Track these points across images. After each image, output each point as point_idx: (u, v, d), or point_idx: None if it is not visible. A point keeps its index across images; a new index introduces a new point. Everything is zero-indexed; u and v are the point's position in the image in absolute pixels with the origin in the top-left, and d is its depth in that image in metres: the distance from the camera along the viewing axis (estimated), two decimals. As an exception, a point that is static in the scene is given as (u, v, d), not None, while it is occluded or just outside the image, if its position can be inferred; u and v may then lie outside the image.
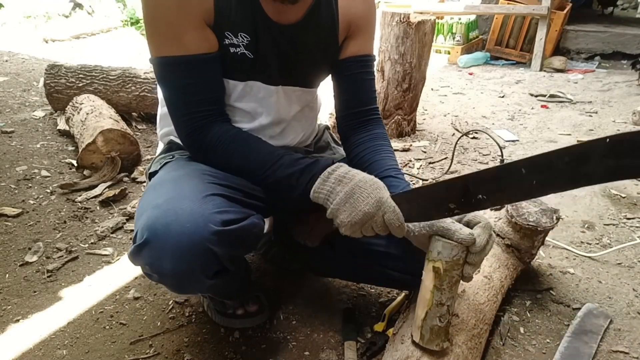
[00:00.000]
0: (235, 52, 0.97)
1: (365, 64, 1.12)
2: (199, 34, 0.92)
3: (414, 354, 0.90)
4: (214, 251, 0.83)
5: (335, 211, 0.87)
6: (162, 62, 0.94)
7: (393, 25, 2.28)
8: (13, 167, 2.00)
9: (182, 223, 0.81)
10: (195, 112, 0.96)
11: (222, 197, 0.89)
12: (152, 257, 0.82)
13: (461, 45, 4.22)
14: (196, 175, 0.94)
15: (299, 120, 1.17)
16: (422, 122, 2.73)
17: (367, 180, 0.87)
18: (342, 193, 0.86)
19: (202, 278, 0.86)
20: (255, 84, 1.03)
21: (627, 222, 1.69)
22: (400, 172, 1.05)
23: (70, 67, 2.45)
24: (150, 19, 0.92)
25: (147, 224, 0.82)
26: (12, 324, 1.20)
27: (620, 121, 2.72)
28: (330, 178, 0.88)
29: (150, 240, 0.81)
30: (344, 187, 0.86)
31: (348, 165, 0.91)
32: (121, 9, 5.41)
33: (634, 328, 1.21)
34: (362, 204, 0.85)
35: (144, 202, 0.91)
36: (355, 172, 0.89)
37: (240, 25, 0.96)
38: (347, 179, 0.87)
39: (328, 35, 1.07)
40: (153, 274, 0.86)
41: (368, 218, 0.86)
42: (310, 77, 1.13)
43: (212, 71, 0.97)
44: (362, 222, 0.86)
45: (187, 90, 0.95)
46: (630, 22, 4.61)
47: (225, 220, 0.84)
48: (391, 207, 0.86)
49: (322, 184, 0.88)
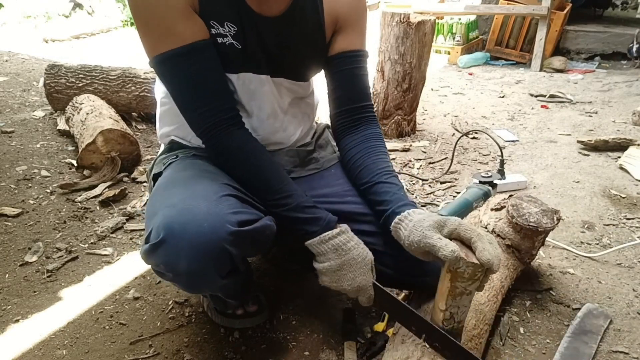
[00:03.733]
0: (223, 42, 0.96)
1: (355, 59, 1.10)
2: (190, 22, 0.91)
3: (414, 354, 0.90)
4: (230, 251, 0.84)
5: (320, 272, 0.96)
6: (161, 59, 0.93)
7: (393, 26, 2.28)
8: (13, 167, 2.00)
9: (199, 223, 0.81)
10: (207, 107, 0.95)
11: (235, 198, 0.90)
12: (168, 256, 0.82)
13: (461, 45, 4.22)
14: (208, 176, 0.95)
15: (294, 116, 1.17)
16: (422, 122, 2.73)
17: (359, 261, 0.94)
18: (332, 262, 0.94)
19: (216, 278, 0.87)
20: (247, 75, 1.03)
21: (627, 222, 1.69)
22: (391, 175, 1.04)
23: (70, 67, 2.45)
24: (139, 21, 0.91)
25: (163, 223, 0.82)
26: (12, 324, 1.20)
27: (620, 121, 2.72)
28: (329, 243, 0.94)
29: (166, 239, 0.81)
30: (336, 258, 0.93)
31: (349, 230, 0.97)
32: (121, 9, 5.41)
33: (634, 328, 1.20)
34: (345, 282, 0.94)
35: (156, 202, 0.91)
36: (353, 244, 0.95)
37: (225, 15, 0.95)
38: (343, 250, 0.94)
39: (313, 28, 1.06)
40: (167, 272, 0.86)
41: (345, 292, 0.96)
42: (298, 69, 1.11)
43: (212, 58, 0.95)
44: (337, 289, 0.96)
45: (193, 82, 0.94)
46: (631, 22, 4.61)
47: (240, 220, 0.85)
48: (368, 294, 0.96)
49: (319, 243, 0.94)
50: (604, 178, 2.03)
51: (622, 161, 2.14)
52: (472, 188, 1.46)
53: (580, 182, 2.00)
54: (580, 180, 2.01)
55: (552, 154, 2.31)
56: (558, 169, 2.13)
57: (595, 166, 2.15)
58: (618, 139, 2.29)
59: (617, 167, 2.13)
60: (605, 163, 2.18)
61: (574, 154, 2.30)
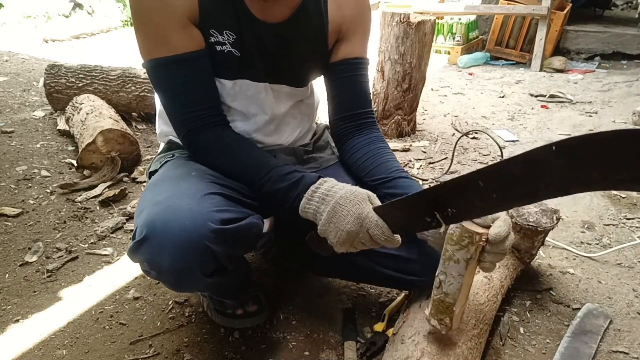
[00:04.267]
0: (222, 50, 0.98)
1: (358, 66, 1.11)
2: (185, 33, 0.94)
3: (414, 354, 0.90)
4: (212, 249, 0.84)
5: (324, 232, 0.89)
6: (153, 64, 0.95)
7: (393, 25, 2.28)
8: (13, 167, 2.00)
9: (181, 220, 0.81)
10: (191, 113, 0.97)
11: (221, 196, 0.89)
12: (151, 254, 0.83)
13: (461, 45, 4.22)
14: (196, 174, 0.95)
15: (294, 117, 1.17)
16: (422, 122, 2.73)
17: (347, 196, 0.86)
18: (325, 213, 0.87)
19: (200, 276, 0.87)
20: (244, 82, 1.04)
21: (627, 222, 1.69)
22: (406, 173, 1.06)
23: (70, 67, 2.45)
24: (137, 24, 0.94)
25: (146, 221, 0.82)
26: (12, 324, 1.20)
27: (620, 121, 2.72)
28: (314, 197, 0.89)
29: (149, 236, 0.81)
30: (326, 207, 0.87)
31: (335, 180, 0.91)
32: (121, 9, 5.41)
33: (633, 328, 1.20)
34: (343, 222, 0.85)
35: (144, 200, 0.92)
36: (339, 187, 0.89)
37: (225, 23, 0.97)
38: (329, 196, 0.88)
39: (317, 35, 1.06)
40: (151, 270, 0.86)
41: (353, 236, 0.86)
42: (298, 76, 1.12)
43: (202, 68, 0.97)
44: (349, 241, 0.86)
45: (180, 90, 0.96)
46: (630, 22, 4.61)
47: (224, 219, 0.84)
48: (373, 221, 0.85)
49: (307, 202, 0.89)
50: (604, 178, 2.03)
51: (622, 161, 2.13)
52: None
53: (580, 182, 2.00)
54: (580, 180, 2.01)
55: (552, 154, 2.30)
56: (558, 169, 2.13)
57: (595, 166, 2.15)
58: (618, 139, 2.29)
59: (617, 167, 2.13)
60: (605, 163, 2.18)
61: (574, 154, 2.30)
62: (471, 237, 0.81)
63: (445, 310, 0.88)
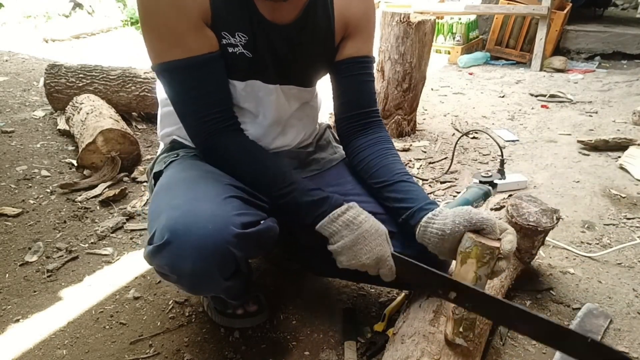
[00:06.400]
0: (233, 52, 0.97)
1: (364, 65, 1.11)
2: (200, 35, 0.93)
3: (414, 354, 0.90)
4: (234, 253, 0.84)
5: (336, 252, 0.93)
6: (167, 67, 0.94)
7: (393, 25, 2.28)
8: (13, 167, 2.00)
9: (203, 225, 0.81)
10: (206, 116, 0.97)
11: (239, 200, 0.90)
12: (172, 258, 0.82)
13: (461, 45, 4.22)
14: (211, 177, 0.95)
15: (300, 119, 1.17)
16: (422, 122, 2.73)
17: (372, 232, 0.91)
18: (347, 238, 0.91)
19: (220, 279, 0.87)
20: (255, 83, 1.03)
21: (627, 222, 1.69)
22: (410, 176, 1.06)
23: (70, 67, 2.45)
24: (149, 26, 0.92)
25: (167, 225, 0.82)
26: (12, 324, 1.20)
27: (620, 121, 2.72)
28: (339, 220, 0.92)
29: (171, 240, 0.81)
30: (349, 234, 0.91)
31: (357, 205, 0.95)
32: (121, 9, 5.41)
33: (634, 328, 1.20)
34: (363, 256, 0.91)
35: (159, 203, 0.91)
36: (364, 218, 0.93)
37: (237, 25, 0.96)
38: (354, 224, 0.91)
39: (324, 35, 1.06)
40: (172, 274, 0.86)
41: (365, 268, 0.93)
42: (307, 76, 1.12)
43: (217, 70, 0.97)
44: (358, 267, 0.93)
45: (195, 93, 0.95)
46: (630, 22, 4.61)
47: (245, 222, 0.85)
48: (389, 265, 0.92)
49: (330, 222, 0.92)
50: (604, 178, 2.03)
51: (622, 161, 2.13)
52: (472, 188, 1.46)
53: (580, 181, 2.00)
54: (581, 180, 2.01)
55: (552, 153, 2.31)
56: (558, 169, 2.13)
57: (595, 166, 2.15)
58: (618, 138, 2.29)
59: (617, 166, 2.13)
60: (606, 163, 2.18)
61: (574, 153, 2.30)
62: (492, 253, 0.83)
63: (470, 327, 0.90)
